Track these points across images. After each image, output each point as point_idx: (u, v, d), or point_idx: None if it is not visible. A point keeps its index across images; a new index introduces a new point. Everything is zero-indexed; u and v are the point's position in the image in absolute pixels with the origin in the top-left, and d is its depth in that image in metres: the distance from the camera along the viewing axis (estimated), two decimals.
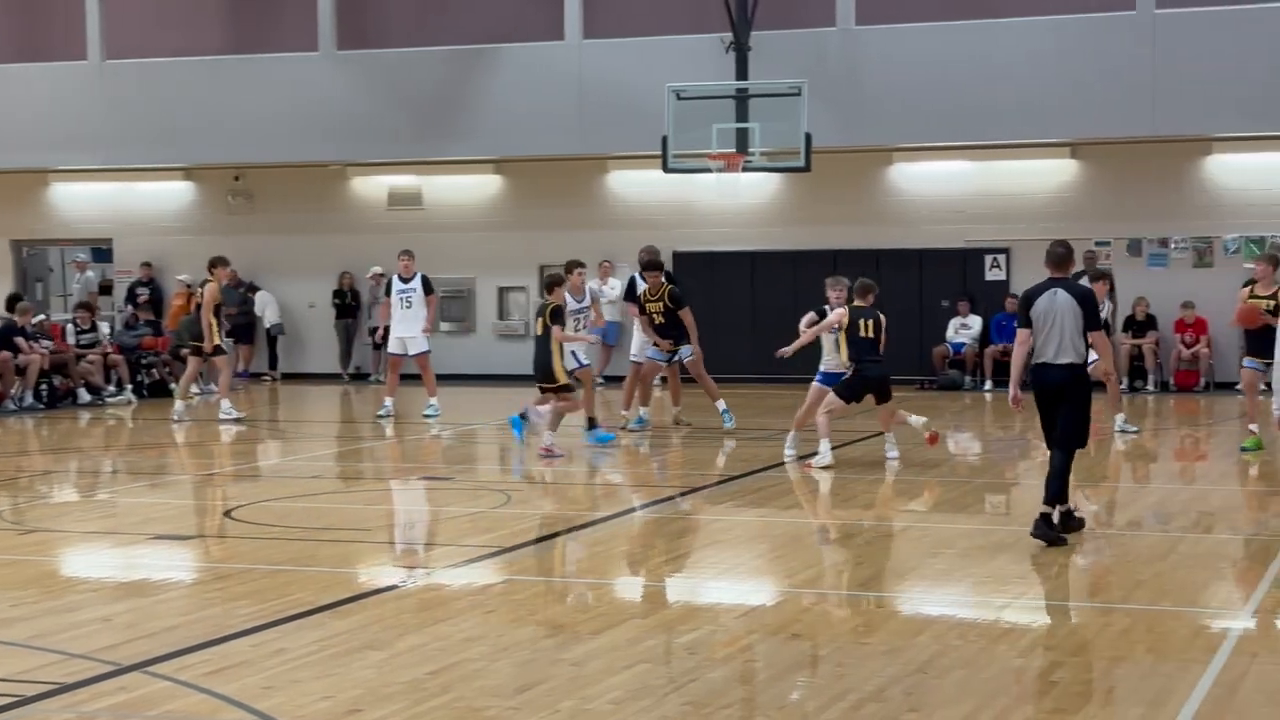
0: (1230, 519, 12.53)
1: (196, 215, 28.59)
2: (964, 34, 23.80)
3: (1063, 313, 10.94)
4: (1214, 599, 9.56)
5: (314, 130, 26.17)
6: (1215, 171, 24.03)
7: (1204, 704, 7.03)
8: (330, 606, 9.02)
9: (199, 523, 12.89)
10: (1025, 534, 11.50)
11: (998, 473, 15.74)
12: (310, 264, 27.74)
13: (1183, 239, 24.06)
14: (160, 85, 26.92)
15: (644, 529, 12.21)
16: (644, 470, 16.13)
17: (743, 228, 25.79)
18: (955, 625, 8.70)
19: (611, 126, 24.67)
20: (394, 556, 11.12)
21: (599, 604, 9.29)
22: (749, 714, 7.02)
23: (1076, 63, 23.15)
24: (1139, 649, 8.05)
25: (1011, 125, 23.57)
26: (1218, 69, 22.54)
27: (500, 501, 13.52)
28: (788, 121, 21.94)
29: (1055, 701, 7.09)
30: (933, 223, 25.05)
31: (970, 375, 24.82)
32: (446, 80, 25.74)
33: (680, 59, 24.02)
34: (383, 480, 15.55)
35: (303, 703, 7.08)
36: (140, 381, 24.12)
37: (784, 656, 8.02)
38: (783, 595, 9.58)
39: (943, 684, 7.38)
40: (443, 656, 7.89)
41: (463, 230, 26.96)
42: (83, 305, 24.73)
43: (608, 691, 7.23)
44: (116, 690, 7.33)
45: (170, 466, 16.56)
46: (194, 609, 9.18)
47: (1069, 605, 9.31)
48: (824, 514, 12.94)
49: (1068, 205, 24.61)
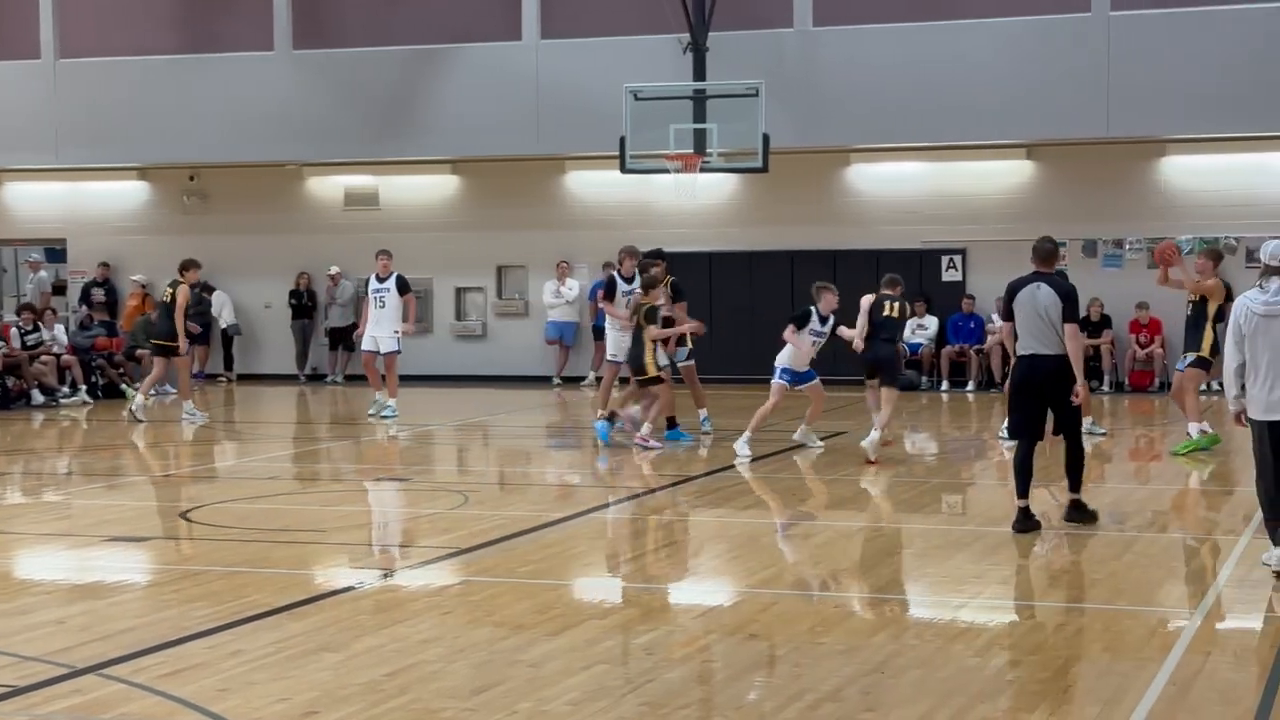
0: (1184, 518, 12.61)
1: (151, 215, 28.43)
2: (920, 36, 23.89)
3: (1044, 306, 11.30)
4: (1168, 598, 9.62)
5: (270, 130, 26.05)
6: (1170, 173, 24.19)
7: (1158, 702, 7.08)
8: (287, 608, 8.98)
9: (155, 524, 12.81)
10: (981, 533, 11.56)
11: (954, 473, 15.80)
12: (266, 264, 27.62)
13: (1137, 240, 24.20)
14: (115, 84, 26.75)
15: (602, 530, 12.20)
16: (602, 471, 16.12)
17: (700, 228, 25.82)
18: (912, 625, 8.73)
19: (569, 127, 24.66)
20: (351, 558, 11.08)
21: (557, 605, 9.28)
22: (706, 714, 7.03)
23: (1032, 64, 23.28)
24: (1094, 648, 8.10)
25: (967, 126, 23.67)
26: (1172, 71, 22.70)
27: (458, 502, 13.49)
28: (745, 122, 21.97)
29: (1011, 700, 7.12)
30: (889, 223, 25.14)
31: (927, 376, 24.92)
32: (403, 80, 25.68)
33: (638, 60, 24.03)
34: (340, 481, 15.49)
35: (259, 705, 7.05)
36: (95, 383, 23.94)
37: (741, 657, 8.03)
38: (740, 595, 9.59)
39: (899, 683, 7.40)
40: (400, 658, 7.87)
41: (420, 231, 26.89)
42: (26, 307, 24.48)
43: (565, 692, 7.23)
44: (71, 693, 7.28)
45: (126, 468, 16.46)
46: (150, 611, 9.13)
47: (1025, 605, 9.36)
48: (781, 514, 12.96)
49: (1023, 206, 24.73)
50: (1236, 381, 9.59)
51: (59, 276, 29.55)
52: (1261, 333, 9.46)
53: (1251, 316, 9.50)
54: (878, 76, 23.71)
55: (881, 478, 14.76)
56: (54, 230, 28.85)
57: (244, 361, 27.95)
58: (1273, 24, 22.63)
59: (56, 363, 23.40)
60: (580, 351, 26.41)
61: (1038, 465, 11.77)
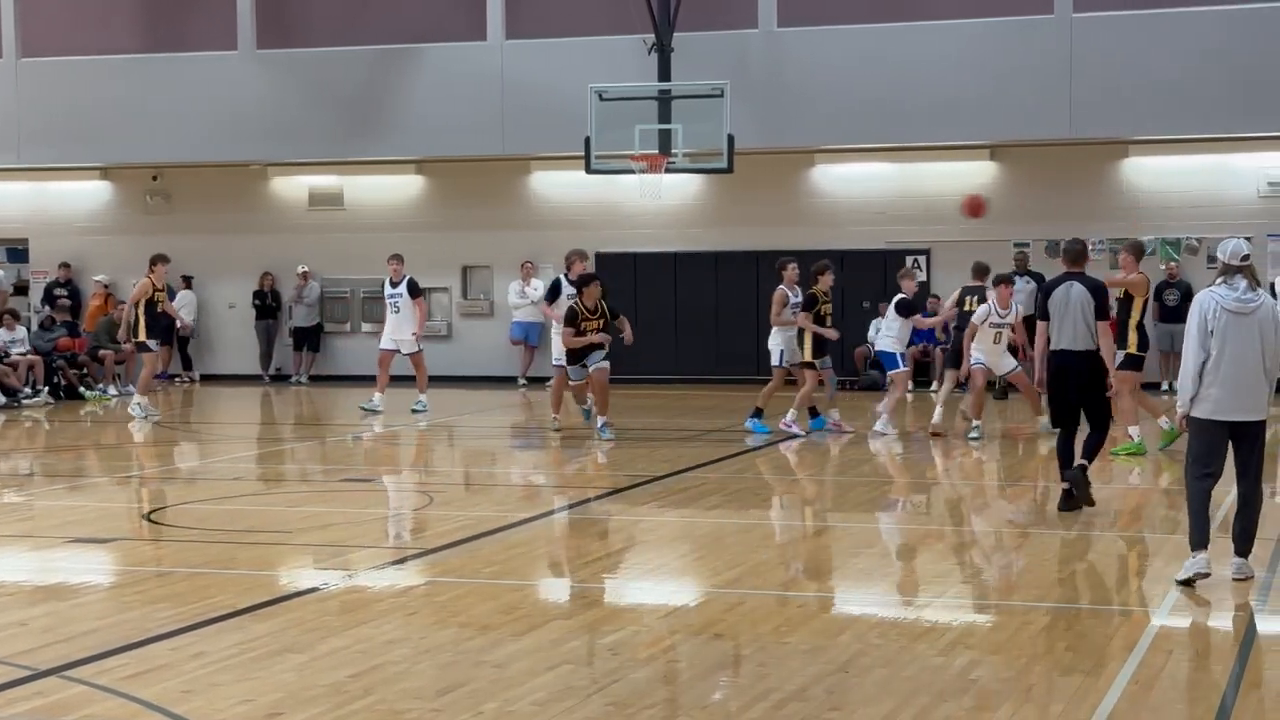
0: (1147, 517, 12.67)
1: (114, 215, 28.29)
2: (885, 36, 23.95)
3: (1079, 304, 12.16)
4: (1131, 597, 9.68)
5: (233, 130, 25.96)
6: (1132, 173, 24.32)
7: (1121, 701, 7.11)
8: (251, 609, 8.96)
9: (118, 526, 12.75)
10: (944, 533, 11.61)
11: (918, 472, 15.85)
12: (230, 264, 27.52)
13: (1100, 240, 24.29)
14: (77, 84, 26.61)
15: (567, 530, 12.21)
16: (567, 471, 16.12)
17: (665, 229, 25.84)
18: (876, 624, 8.76)
19: (534, 127, 24.64)
20: (315, 559, 11.06)
21: (522, 605, 9.28)
22: (672, 714, 7.03)
23: (995, 65, 23.37)
24: (1058, 647, 8.14)
25: (931, 127, 23.75)
26: (1135, 72, 22.82)
27: (423, 503, 13.48)
28: (710, 123, 22.00)
29: (975, 699, 7.15)
30: (854, 224, 25.20)
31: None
32: (368, 80, 25.62)
33: (603, 60, 24.03)
34: (304, 482, 15.45)
35: (222, 706, 7.03)
36: (56, 383, 23.79)
37: (706, 656, 8.04)
38: (705, 595, 9.60)
39: (864, 683, 7.43)
40: (364, 659, 7.86)
41: (384, 231, 26.80)
42: None
43: (531, 693, 7.23)
44: (33, 695, 7.25)
45: (89, 469, 16.37)
46: (113, 612, 9.09)
47: (988, 604, 9.39)
48: (745, 515, 12.98)
49: (987, 207, 24.83)
50: (1197, 381, 9.41)
51: (20, 277, 29.38)
52: (1232, 330, 9.33)
53: (1222, 313, 9.34)
54: (842, 77, 23.77)
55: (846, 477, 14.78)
56: (16, 230, 28.68)
57: (207, 362, 27.85)
58: (1235, 25, 22.77)
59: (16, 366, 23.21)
60: (545, 352, 26.34)
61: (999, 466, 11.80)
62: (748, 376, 23.35)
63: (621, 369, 26.03)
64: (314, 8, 26.87)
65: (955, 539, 11.81)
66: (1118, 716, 6.91)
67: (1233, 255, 9.52)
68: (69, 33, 27.32)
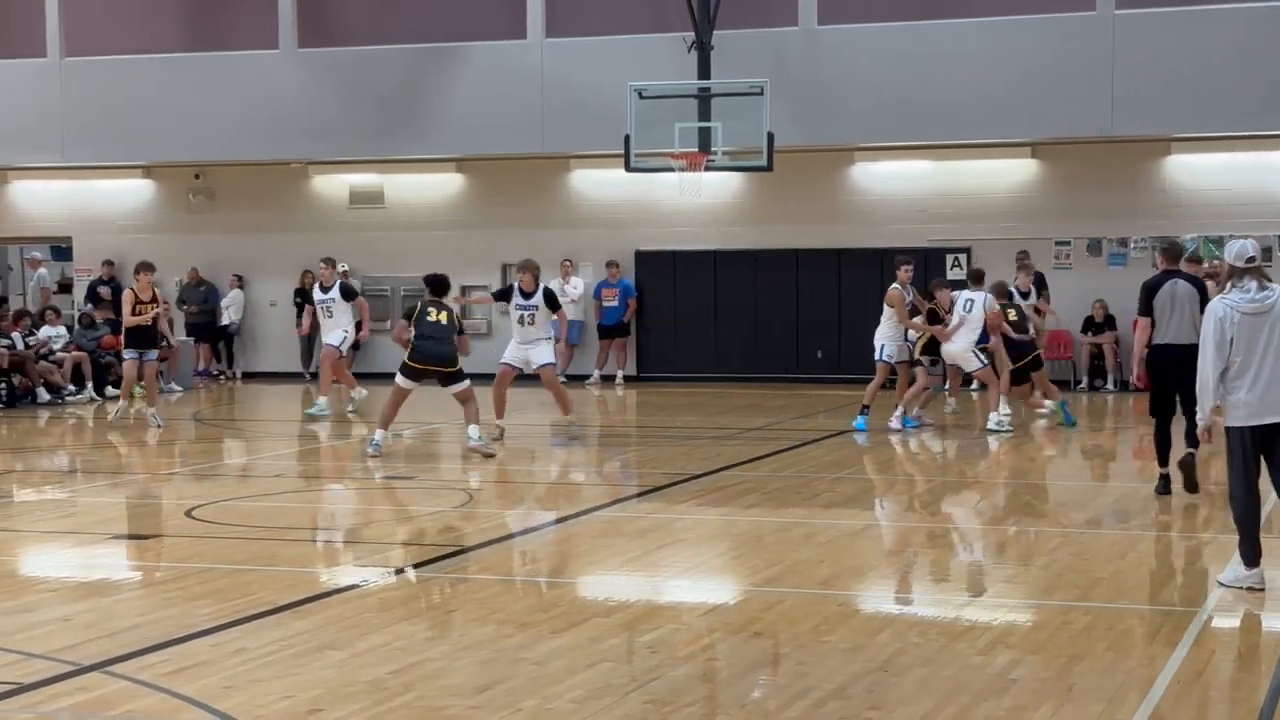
0: (1188, 517, 12.59)
1: (157, 214, 28.45)
2: (925, 34, 23.87)
3: (1184, 300, 12.74)
4: (1173, 596, 9.63)
5: (275, 128, 26.07)
6: (1174, 172, 24.17)
7: (1162, 700, 7.08)
8: (291, 606, 8.99)
9: (160, 522, 12.82)
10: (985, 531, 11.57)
11: (958, 471, 15.80)
12: (271, 262, 27.64)
13: (1142, 239, 24.19)
14: (120, 83, 26.77)
15: (605, 528, 12.21)
16: (606, 470, 16.13)
17: (705, 227, 25.82)
18: (915, 623, 8.74)
19: (573, 125, 24.66)
20: (355, 556, 11.09)
21: (561, 603, 9.29)
22: (711, 712, 7.03)
23: (1037, 63, 23.26)
24: (1098, 646, 8.09)
25: (972, 125, 23.66)
26: (1177, 69, 22.68)
27: (462, 501, 13.51)
28: (750, 121, 21.97)
29: (1015, 699, 7.12)
30: (894, 222, 25.12)
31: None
32: (408, 79, 25.69)
33: (642, 58, 24.02)
34: (345, 480, 15.50)
35: (263, 702, 7.06)
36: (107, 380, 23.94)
37: (745, 655, 8.03)
38: (744, 594, 9.59)
39: (903, 682, 7.41)
40: (404, 656, 7.88)
41: (424, 229, 26.90)
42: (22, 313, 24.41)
43: (570, 690, 7.24)
44: (76, 690, 7.30)
45: (131, 465, 16.47)
46: (154, 609, 9.14)
47: (1028, 603, 9.35)
48: (784, 513, 12.96)
49: (1028, 205, 24.74)
50: (1217, 391, 9.26)
51: (64, 275, 29.60)
52: (1251, 332, 9.21)
53: (1239, 318, 9.20)
54: (882, 75, 23.70)
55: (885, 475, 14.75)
56: (60, 229, 28.88)
57: (248, 359, 27.99)
58: (1278, 22, 22.60)
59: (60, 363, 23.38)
60: (585, 350, 26.42)
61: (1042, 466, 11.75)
62: (787, 375, 23.36)
63: (660, 367, 26.18)
64: (355, 7, 26.96)
65: (997, 537, 11.76)
66: (1159, 716, 6.87)
67: (1238, 257, 9.37)
68: (112, 32, 27.49)
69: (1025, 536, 11.74)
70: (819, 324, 25.33)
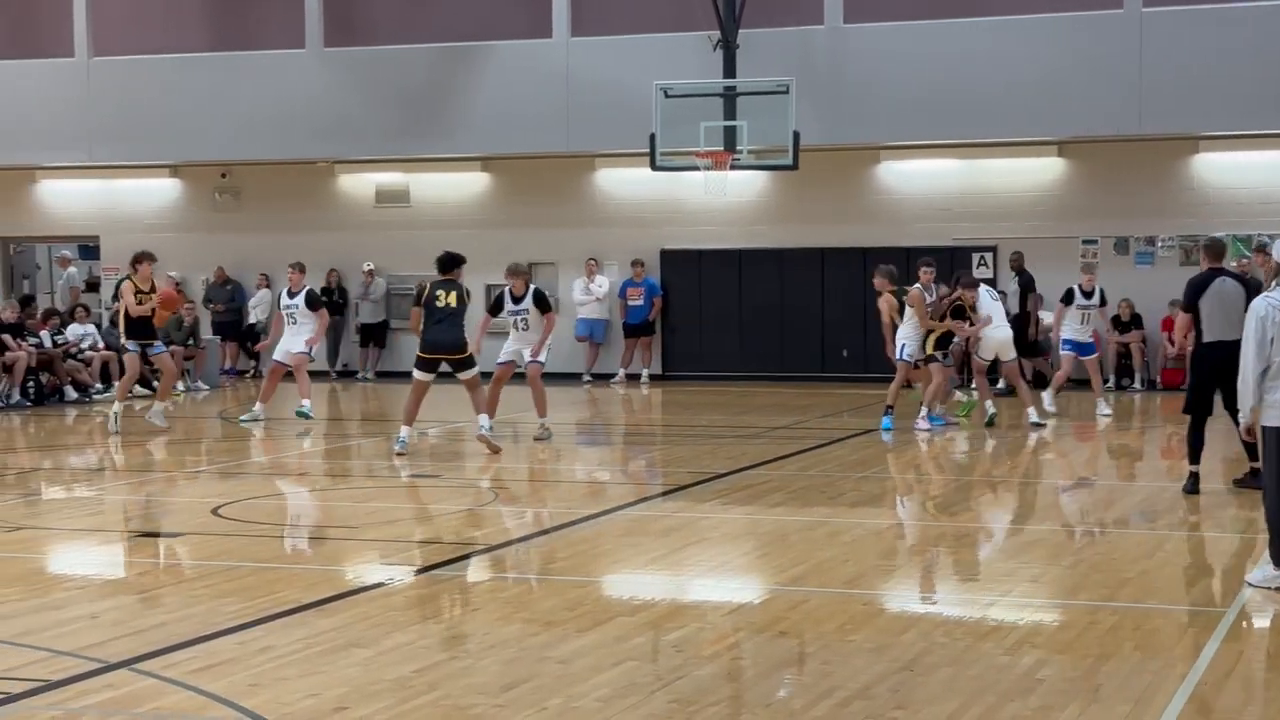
0: (1216, 516, 12.54)
1: (183, 212, 28.55)
2: (951, 32, 23.81)
3: (1232, 297, 12.74)
4: (1200, 597, 9.58)
5: (301, 127, 26.13)
6: (1202, 170, 24.07)
7: (1190, 701, 7.05)
8: (317, 604, 9.01)
9: (186, 520, 12.86)
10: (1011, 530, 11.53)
11: (984, 470, 15.76)
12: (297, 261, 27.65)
13: (1170, 237, 24.10)
14: (147, 82, 26.87)
15: (630, 527, 12.21)
16: (631, 469, 16.12)
17: (730, 226, 25.81)
18: (941, 623, 8.71)
19: (599, 124, 24.66)
20: (381, 554, 11.11)
21: (586, 602, 9.29)
22: (736, 711, 7.02)
23: (1064, 61, 23.18)
24: (1125, 646, 8.06)
25: (999, 123, 23.59)
26: (1205, 67, 22.57)
27: (487, 499, 13.52)
28: (775, 119, 21.95)
29: (1041, 699, 7.10)
30: (920, 221, 25.08)
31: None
32: (434, 77, 25.73)
33: (668, 57, 24.01)
34: (370, 478, 15.53)
35: (289, 700, 7.08)
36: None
37: (771, 654, 8.02)
38: (769, 593, 9.58)
39: (929, 681, 7.39)
40: (429, 654, 7.89)
41: (450, 228, 26.92)
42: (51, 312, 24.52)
43: (595, 689, 7.24)
44: (103, 688, 7.32)
45: (158, 463, 16.52)
46: (180, 606, 9.17)
47: (1055, 603, 9.33)
48: (809, 512, 12.94)
49: (1055, 203, 24.67)
50: (1258, 389, 9.23)
51: (91, 274, 29.73)
52: None
53: (1279, 317, 9.22)
54: (908, 73, 23.65)
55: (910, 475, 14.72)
56: (87, 228, 29.01)
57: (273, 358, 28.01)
58: None
59: (88, 362, 23.48)
60: (610, 348, 26.43)
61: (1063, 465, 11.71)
62: (812, 374, 23.34)
63: (686, 366, 26.16)
64: (381, 6, 26.99)
65: (1023, 537, 11.72)
66: (1186, 718, 6.84)
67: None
68: (139, 32, 27.59)
69: (1052, 535, 11.70)
70: (844, 323, 25.30)
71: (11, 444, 18.56)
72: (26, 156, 27.79)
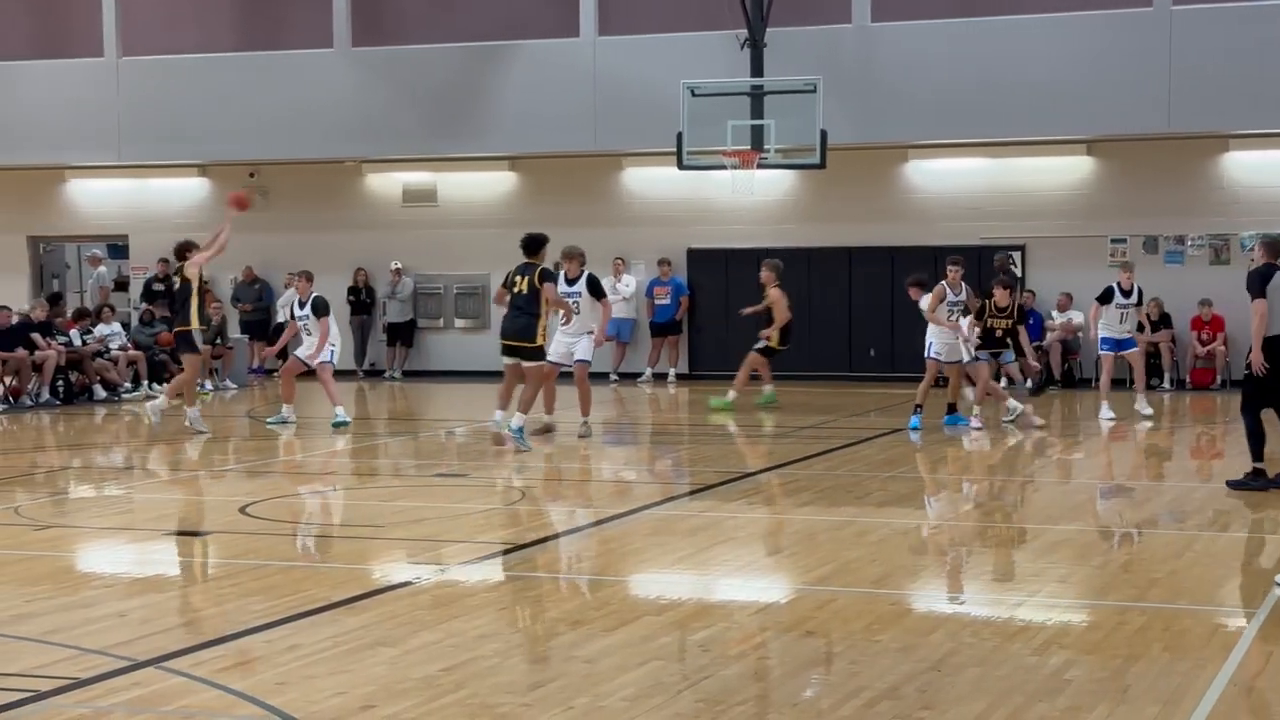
0: (1246, 516, 12.48)
1: (211, 212, 28.55)
2: (980, 30, 23.76)
3: None
4: (1230, 597, 9.54)
5: (329, 127, 26.20)
6: (1232, 168, 23.97)
7: (1219, 703, 7.01)
8: (344, 603, 9.03)
9: (214, 519, 12.90)
10: (1039, 531, 11.50)
11: (1011, 470, 15.71)
12: (325, 261, 27.71)
13: (1199, 236, 24.01)
14: (176, 82, 26.97)
15: (657, 526, 12.20)
16: (657, 468, 16.12)
17: (757, 225, 25.78)
18: (969, 623, 8.68)
19: (626, 123, 24.67)
20: (408, 553, 11.13)
21: (613, 601, 9.29)
22: (762, 711, 7.01)
23: (1093, 59, 23.10)
24: (1154, 647, 8.02)
25: (1027, 122, 23.52)
26: (1235, 65, 22.48)
27: (514, 498, 13.53)
28: (803, 118, 21.92)
29: (1069, 700, 7.07)
30: (948, 220, 25.02)
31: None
32: (461, 77, 25.76)
33: (695, 56, 24.00)
34: (397, 477, 15.56)
35: (316, 699, 7.09)
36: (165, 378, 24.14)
37: (797, 654, 8.00)
38: (796, 592, 9.57)
39: (956, 681, 7.36)
40: (456, 653, 7.89)
41: (477, 227, 26.98)
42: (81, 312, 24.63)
43: (621, 688, 7.23)
44: (131, 685, 7.34)
45: (186, 462, 16.58)
46: (208, 605, 9.20)
47: (1083, 603, 9.29)
48: (837, 512, 12.92)
49: (1084, 202, 24.58)
50: None
51: (121, 273, 29.85)
52: None
53: None
54: (936, 72, 23.60)
55: (940, 474, 14.68)
56: (117, 227, 29.12)
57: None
58: None
59: (116, 361, 23.58)
60: (637, 348, 26.43)
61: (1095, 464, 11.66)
62: (839, 373, 23.29)
63: (713, 365, 26.13)
64: (409, 5, 27.05)
65: (1050, 537, 11.68)
66: (1215, 719, 6.80)
67: None
68: (168, 32, 27.70)
69: (1080, 535, 11.65)
70: (871, 322, 25.26)
71: (41, 442, 18.65)
72: (56, 156, 27.92)
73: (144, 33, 27.53)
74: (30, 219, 29.34)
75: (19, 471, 15.48)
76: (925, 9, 24.24)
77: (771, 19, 23.16)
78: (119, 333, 24.40)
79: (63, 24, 28.38)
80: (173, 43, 27.49)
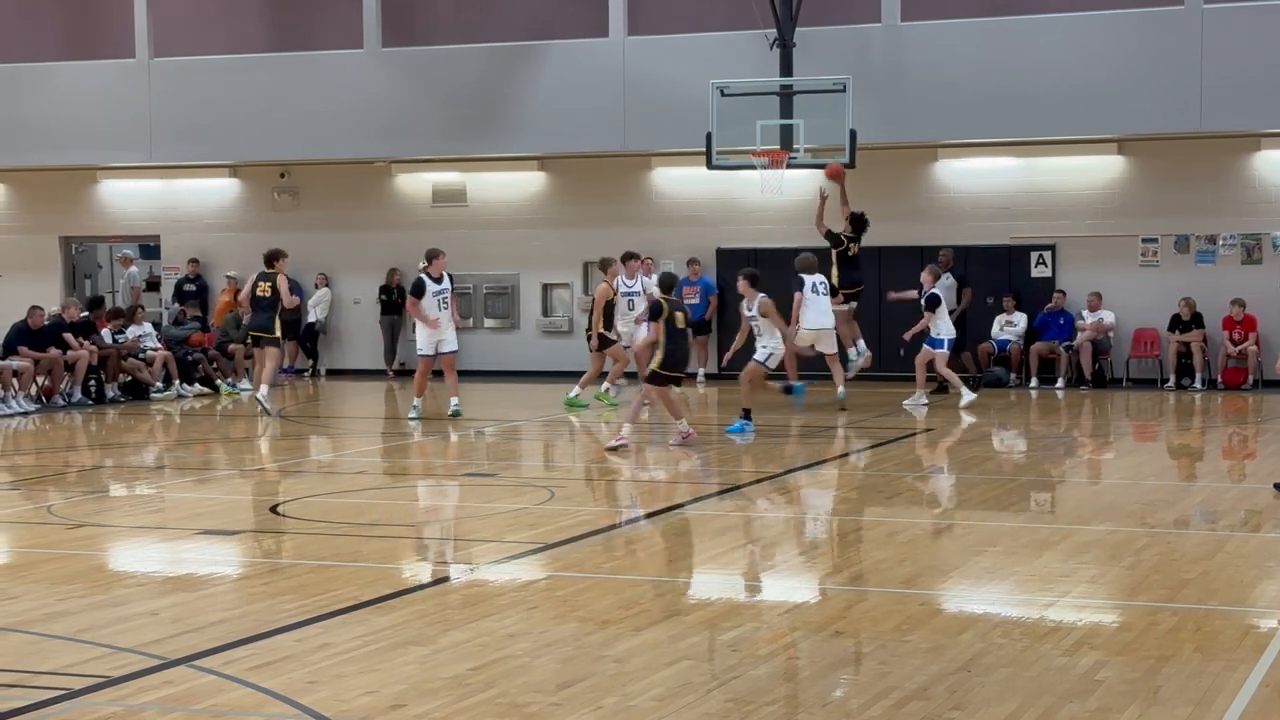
0: (1279, 517, 12.42)
1: (242, 212, 28.74)
2: (1009, 29, 23.70)
3: None
4: (1262, 598, 9.49)
5: (359, 127, 26.27)
6: (1263, 168, 23.85)
7: (1251, 704, 6.98)
8: (374, 602, 9.05)
9: (246, 518, 12.95)
10: (1070, 531, 11.46)
11: (1042, 470, 15.67)
12: (355, 261, 27.86)
13: (1231, 236, 23.89)
14: (207, 83, 27.08)
15: (686, 526, 12.21)
16: (686, 467, 16.12)
17: (786, 224, 25.72)
18: (999, 623, 8.67)
19: (655, 123, 24.68)
20: (437, 553, 11.15)
21: (642, 600, 9.29)
22: (792, 711, 7.01)
23: (1123, 58, 23.02)
24: (1186, 648, 8.00)
25: (1057, 121, 23.45)
26: (1266, 64, 22.38)
27: (544, 498, 13.55)
28: (832, 118, 21.90)
29: (1100, 700, 7.05)
30: (978, 219, 24.95)
31: (1015, 373, 24.69)
32: (490, 77, 25.80)
33: (724, 55, 24.00)
34: (427, 476, 15.59)
35: (347, 697, 7.11)
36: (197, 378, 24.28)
37: (827, 654, 8.00)
38: (825, 592, 9.56)
39: (986, 682, 7.35)
40: (486, 652, 7.91)
41: (506, 227, 27.02)
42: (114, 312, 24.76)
43: (650, 688, 7.24)
44: (163, 684, 7.38)
45: (217, 462, 16.65)
46: (240, 604, 9.23)
47: (1114, 604, 9.26)
48: (865, 511, 12.91)
49: (1114, 202, 24.49)
50: None
51: (152, 273, 29.98)
52: None
53: None
54: (966, 71, 23.55)
55: (970, 474, 14.65)
56: (148, 227, 29.24)
57: (333, 357, 28.20)
58: None
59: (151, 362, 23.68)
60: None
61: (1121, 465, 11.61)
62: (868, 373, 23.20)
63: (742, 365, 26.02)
64: (438, 5, 27.11)
65: (1081, 538, 11.64)
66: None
67: None
68: (198, 33, 27.82)
69: (1110, 536, 11.62)
70: (901, 322, 25.17)
71: (73, 442, 18.75)
72: (88, 156, 28.05)
73: (175, 34, 27.65)
74: (62, 219, 29.49)
75: (52, 471, 15.57)
76: (955, 8, 24.19)
77: (801, 18, 23.15)
78: (151, 333, 24.51)
79: (94, 25, 28.53)
80: (204, 44, 27.60)
